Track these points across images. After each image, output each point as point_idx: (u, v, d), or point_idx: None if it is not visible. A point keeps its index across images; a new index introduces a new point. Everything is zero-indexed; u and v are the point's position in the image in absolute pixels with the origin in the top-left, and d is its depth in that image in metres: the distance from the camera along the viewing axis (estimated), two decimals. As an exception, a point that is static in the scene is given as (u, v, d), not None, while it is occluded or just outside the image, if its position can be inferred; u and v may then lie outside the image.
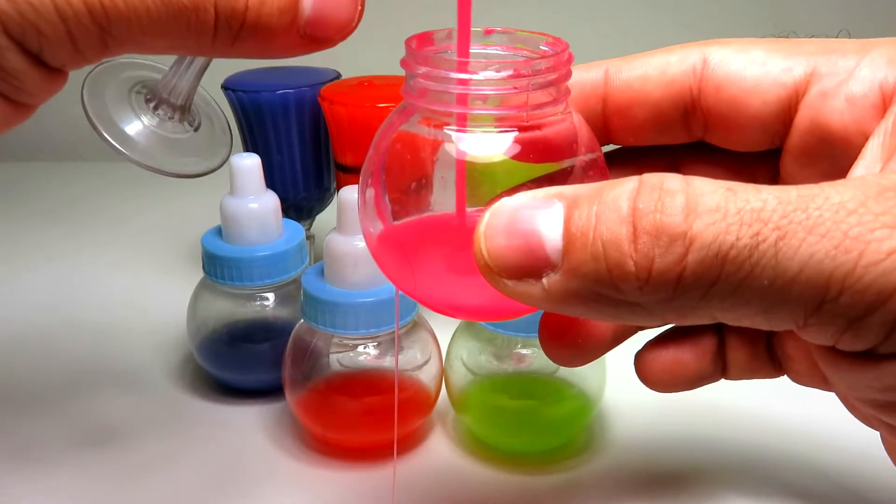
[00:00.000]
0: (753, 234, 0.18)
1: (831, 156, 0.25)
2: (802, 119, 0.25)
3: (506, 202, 0.20)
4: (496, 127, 0.23)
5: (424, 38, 0.25)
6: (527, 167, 0.23)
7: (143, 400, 0.43)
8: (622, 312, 0.19)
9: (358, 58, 0.51)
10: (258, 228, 0.40)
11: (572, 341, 0.28)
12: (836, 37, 0.26)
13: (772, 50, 0.25)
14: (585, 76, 0.27)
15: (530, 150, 0.23)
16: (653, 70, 0.27)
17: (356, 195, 0.28)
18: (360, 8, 0.23)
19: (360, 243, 0.36)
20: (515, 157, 0.23)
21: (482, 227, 0.20)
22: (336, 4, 0.22)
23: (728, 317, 0.19)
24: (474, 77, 0.22)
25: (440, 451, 0.39)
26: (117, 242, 0.62)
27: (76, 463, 0.38)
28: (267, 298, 0.42)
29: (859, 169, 0.22)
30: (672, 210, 0.18)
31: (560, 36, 0.25)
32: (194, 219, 0.60)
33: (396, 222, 0.25)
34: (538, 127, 0.23)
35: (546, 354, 0.28)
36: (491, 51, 0.25)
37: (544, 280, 0.19)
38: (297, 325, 0.39)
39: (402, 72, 0.24)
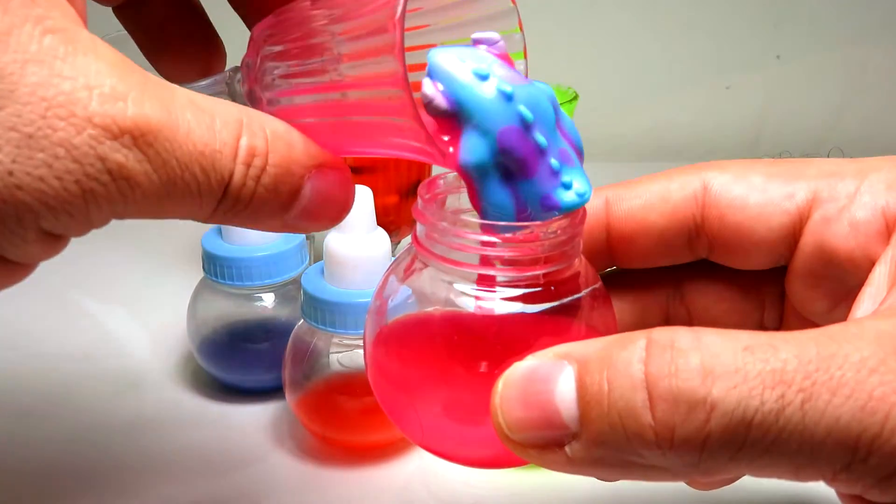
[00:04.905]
0: (778, 398, 0.17)
1: (837, 276, 0.25)
2: (807, 243, 0.25)
3: (517, 368, 0.20)
4: (513, 286, 0.23)
5: (432, 184, 0.25)
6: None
7: (144, 400, 0.43)
8: (650, 474, 0.19)
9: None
10: (258, 228, 0.40)
11: None
12: (828, 155, 0.26)
13: (772, 175, 0.26)
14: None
15: (542, 301, 0.24)
16: (654, 198, 0.27)
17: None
18: (348, 210, 0.24)
19: (360, 244, 0.36)
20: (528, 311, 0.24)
21: (497, 399, 0.20)
22: (329, 205, 0.23)
23: (756, 474, 0.19)
24: (497, 242, 0.23)
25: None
26: (117, 242, 0.62)
27: (76, 462, 0.38)
28: (267, 298, 0.42)
29: (866, 296, 0.22)
30: (688, 373, 0.18)
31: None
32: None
33: (407, 375, 0.25)
34: (551, 283, 0.24)
35: None
36: None
37: (567, 449, 0.19)
38: (297, 325, 0.39)
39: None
